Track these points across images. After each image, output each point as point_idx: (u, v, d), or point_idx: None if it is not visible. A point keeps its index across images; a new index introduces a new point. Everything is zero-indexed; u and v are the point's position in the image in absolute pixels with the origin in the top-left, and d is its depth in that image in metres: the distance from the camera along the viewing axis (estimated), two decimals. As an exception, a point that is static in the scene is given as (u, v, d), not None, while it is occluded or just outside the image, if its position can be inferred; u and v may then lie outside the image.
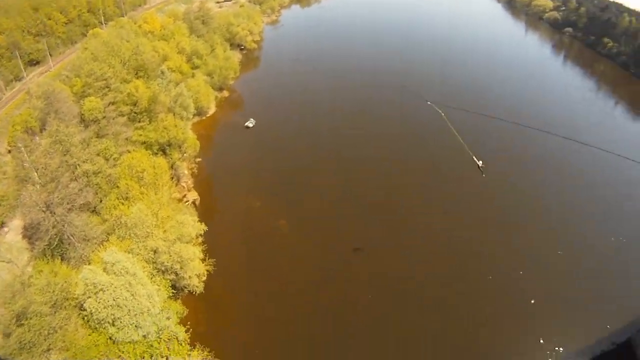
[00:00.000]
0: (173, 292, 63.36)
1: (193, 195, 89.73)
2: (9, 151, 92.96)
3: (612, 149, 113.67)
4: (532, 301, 71.41)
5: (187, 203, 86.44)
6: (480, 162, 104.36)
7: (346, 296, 70.70)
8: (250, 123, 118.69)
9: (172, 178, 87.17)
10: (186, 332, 59.17)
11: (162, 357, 54.38)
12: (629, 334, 69.36)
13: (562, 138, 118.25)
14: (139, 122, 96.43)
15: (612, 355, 65.99)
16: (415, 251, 79.98)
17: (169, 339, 56.44)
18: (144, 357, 52.82)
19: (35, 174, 70.32)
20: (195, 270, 64.82)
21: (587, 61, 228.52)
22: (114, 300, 50.35)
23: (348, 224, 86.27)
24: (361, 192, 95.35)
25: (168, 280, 62.39)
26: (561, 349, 64.86)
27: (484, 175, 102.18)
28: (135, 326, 51.94)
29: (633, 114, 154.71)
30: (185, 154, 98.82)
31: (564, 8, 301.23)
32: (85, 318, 50.81)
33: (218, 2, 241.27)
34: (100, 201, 72.83)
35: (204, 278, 67.12)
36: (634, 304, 73.80)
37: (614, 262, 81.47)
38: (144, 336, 53.29)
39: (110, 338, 51.34)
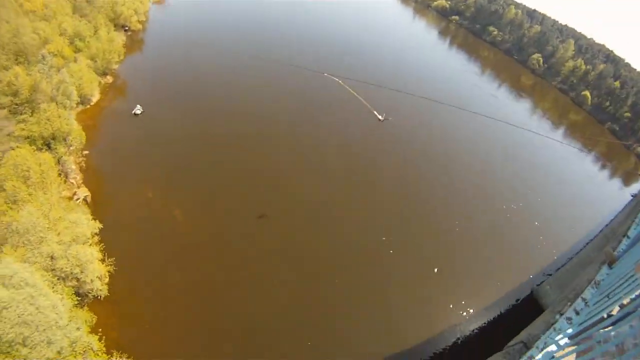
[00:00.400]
0: (78, 300, 62.98)
1: (84, 192, 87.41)
2: None
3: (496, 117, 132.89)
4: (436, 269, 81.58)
5: (78, 201, 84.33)
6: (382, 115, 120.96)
7: (249, 272, 76.99)
8: (138, 110, 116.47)
9: (60, 174, 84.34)
10: (100, 340, 59.32)
11: (82, 371, 54.30)
12: (530, 289, 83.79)
13: (448, 106, 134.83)
14: (21, 114, 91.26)
15: (519, 308, 77.55)
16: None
17: (84, 351, 56.27)
18: (63, 375, 52.29)
19: None
20: (96, 272, 65.37)
21: (472, 47, 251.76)
22: (19, 317, 48.84)
23: (245, 203, 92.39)
24: (259, 167, 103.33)
25: (70, 288, 62.17)
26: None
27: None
28: (48, 342, 51.09)
29: (516, 94, 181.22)
30: (71, 147, 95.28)
31: None
32: (-8, 342, 49.43)
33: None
34: (-13, 207, 69.62)
35: (107, 280, 67.97)
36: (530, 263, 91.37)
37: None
38: (59, 352, 52.69)
39: (24, 360, 50.30)
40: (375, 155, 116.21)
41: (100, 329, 61.58)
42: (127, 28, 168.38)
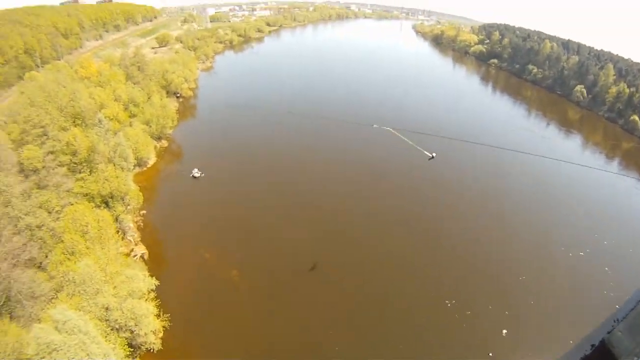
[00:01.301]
0: (130, 351, 59.99)
1: (141, 249, 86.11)
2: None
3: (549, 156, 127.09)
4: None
5: (135, 257, 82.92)
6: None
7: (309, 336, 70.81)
8: (196, 173, 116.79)
9: (118, 232, 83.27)
10: None
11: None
12: (601, 337, 74.29)
13: (500, 149, 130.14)
14: (80, 172, 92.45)
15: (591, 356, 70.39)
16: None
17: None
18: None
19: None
20: (151, 326, 62.50)
21: (515, 88, 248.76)
22: None
23: (305, 263, 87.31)
24: (317, 227, 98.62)
25: (123, 339, 59.15)
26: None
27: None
28: None
29: (565, 130, 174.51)
30: (129, 207, 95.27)
31: (487, 41, 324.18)
32: (41, 381, 46.60)
33: (153, 48, 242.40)
34: (46, 256, 68.37)
35: (161, 334, 64.81)
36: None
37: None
38: (108, 399, 49.58)
39: (69, 403, 47.26)
40: (435, 205, 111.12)
41: (150, 381, 57.85)
42: (178, 95, 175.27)
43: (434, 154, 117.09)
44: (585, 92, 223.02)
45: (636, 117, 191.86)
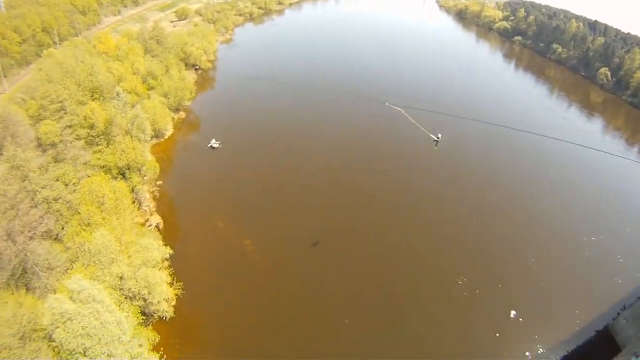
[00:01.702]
0: (143, 319, 61.74)
1: (156, 219, 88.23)
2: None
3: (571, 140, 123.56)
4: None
5: (150, 227, 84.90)
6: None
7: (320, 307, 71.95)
8: (214, 144, 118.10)
9: (134, 202, 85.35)
10: (160, 358, 58.27)
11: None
12: (605, 323, 73.76)
13: (518, 131, 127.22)
14: (97, 145, 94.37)
15: (594, 347, 69.15)
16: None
17: (144, 366, 54.65)
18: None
19: (-7, 201, 68.06)
20: (164, 294, 63.96)
21: (538, 67, 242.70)
22: (83, 329, 48.39)
23: (316, 234, 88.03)
24: (331, 200, 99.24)
25: (137, 307, 60.82)
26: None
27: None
28: (108, 355, 50.04)
29: (587, 113, 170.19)
30: (145, 177, 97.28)
31: (512, 17, 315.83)
32: (56, 349, 48.56)
33: (172, 22, 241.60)
34: (62, 228, 70.53)
35: (173, 302, 66.54)
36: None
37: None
38: (119, 365, 51.57)
39: (83, 369, 49.54)
40: (445, 184, 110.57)
41: (162, 348, 60.08)
42: (197, 67, 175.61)
43: (439, 136, 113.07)
44: (609, 75, 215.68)
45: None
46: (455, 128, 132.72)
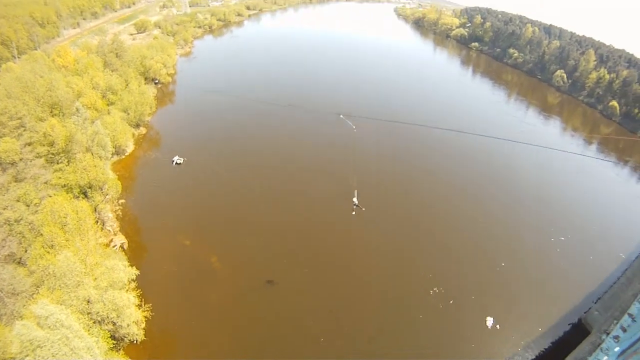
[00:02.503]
0: (114, 343, 60.52)
1: (120, 239, 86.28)
2: None
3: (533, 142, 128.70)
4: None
5: (115, 247, 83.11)
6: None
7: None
8: (178, 160, 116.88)
9: (97, 222, 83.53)
10: None
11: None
12: (578, 315, 78.87)
13: (478, 135, 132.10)
14: (57, 163, 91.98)
15: (569, 338, 73.45)
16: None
17: (118, 393, 53.22)
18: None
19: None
20: (133, 317, 63.00)
21: (495, 72, 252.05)
22: (53, 356, 47.11)
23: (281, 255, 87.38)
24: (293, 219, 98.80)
25: (106, 331, 59.55)
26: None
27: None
28: None
29: (545, 115, 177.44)
30: (107, 196, 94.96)
31: (469, 24, 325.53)
32: (26, 378, 46.85)
33: (131, 34, 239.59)
34: (25, 251, 68.44)
35: (143, 325, 65.37)
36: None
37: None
38: (92, 394, 50.00)
39: (55, 399, 47.60)
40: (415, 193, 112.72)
41: (134, 374, 58.46)
42: (157, 81, 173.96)
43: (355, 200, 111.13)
44: (565, 77, 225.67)
45: (615, 103, 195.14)
46: (412, 136, 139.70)
